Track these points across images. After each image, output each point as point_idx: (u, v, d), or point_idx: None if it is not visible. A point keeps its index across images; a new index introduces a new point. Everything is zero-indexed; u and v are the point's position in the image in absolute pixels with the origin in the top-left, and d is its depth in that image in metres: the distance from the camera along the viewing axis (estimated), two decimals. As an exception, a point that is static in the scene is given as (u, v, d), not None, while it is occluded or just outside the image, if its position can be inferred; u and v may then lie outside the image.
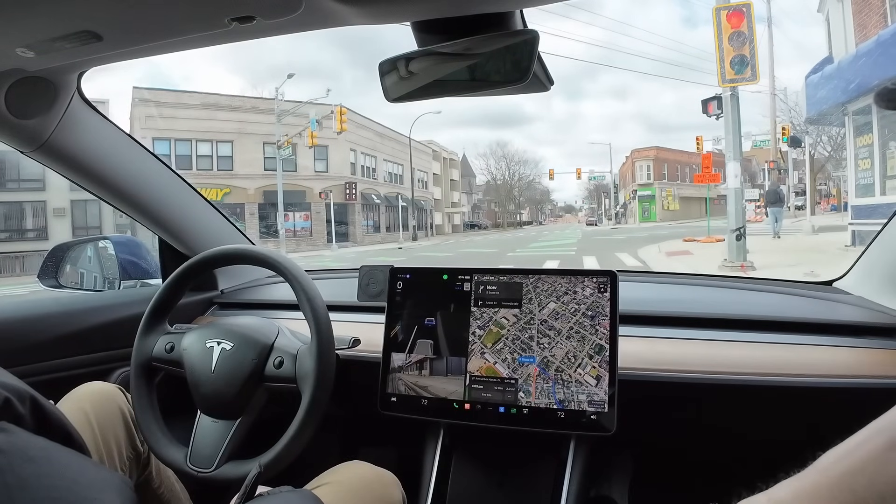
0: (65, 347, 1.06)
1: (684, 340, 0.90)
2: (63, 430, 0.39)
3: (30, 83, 0.83)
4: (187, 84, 58.66)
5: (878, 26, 7.82)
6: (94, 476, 0.36)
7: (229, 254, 0.95)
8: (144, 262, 1.38)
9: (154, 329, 0.92)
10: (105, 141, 1.04)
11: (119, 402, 0.89)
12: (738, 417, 0.87)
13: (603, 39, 64.08)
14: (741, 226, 7.15)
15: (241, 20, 0.63)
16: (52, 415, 0.39)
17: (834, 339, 0.85)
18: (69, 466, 0.35)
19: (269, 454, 0.80)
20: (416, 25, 0.65)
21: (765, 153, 25.00)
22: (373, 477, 0.80)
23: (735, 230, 7.13)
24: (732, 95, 7.24)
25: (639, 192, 34.39)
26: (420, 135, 46.04)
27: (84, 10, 0.61)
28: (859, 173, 8.39)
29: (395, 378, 0.90)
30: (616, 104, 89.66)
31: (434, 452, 0.91)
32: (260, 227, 19.57)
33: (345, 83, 64.85)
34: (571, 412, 0.81)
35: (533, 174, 44.68)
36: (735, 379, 0.82)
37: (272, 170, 19.07)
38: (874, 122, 7.82)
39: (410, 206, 26.71)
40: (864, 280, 0.98)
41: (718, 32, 7.15)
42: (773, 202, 11.82)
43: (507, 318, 0.87)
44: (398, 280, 0.95)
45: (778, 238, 10.66)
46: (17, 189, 17.02)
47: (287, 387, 0.84)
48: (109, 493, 0.35)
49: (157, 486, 0.92)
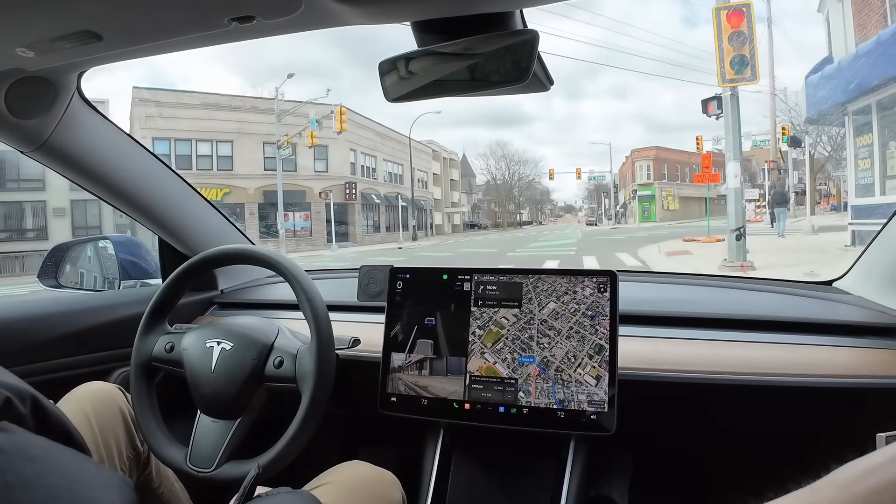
0: (65, 347, 1.06)
1: (684, 340, 0.90)
2: (64, 430, 0.39)
3: (30, 83, 0.84)
4: (186, 83, 58.66)
5: (878, 26, 7.82)
6: (96, 476, 0.36)
7: (229, 254, 0.95)
8: (144, 261, 1.38)
9: (154, 329, 0.92)
10: (105, 141, 1.04)
11: (119, 402, 0.89)
12: (738, 417, 0.87)
13: (603, 39, 64.10)
14: (741, 226, 7.15)
15: (240, 20, 0.63)
16: (53, 415, 0.38)
17: (834, 339, 0.85)
18: (70, 466, 0.35)
19: (269, 454, 0.80)
20: (415, 25, 0.65)
21: (765, 153, 24.99)
22: (373, 477, 0.80)
23: (735, 230, 7.13)
24: (732, 95, 7.24)
25: (639, 191, 34.39)
26: (420, 134, 46.08)
27: (84, 10, 0.61)
28: (859, 173, 8.39)
29: (394, 378, 0.90)
30: (616, 104, 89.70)
31: (434, 452, 0.91)
32: (260, 227, 19.57)
33: (344, 82, 64.85)
34: (571, 412, 0.81)
35: (533, 174, 44.75)
36: (735, 379, 0.82)
37: (272, 170, 19.07)
38: (874, 122, 7.82)
39: (410, 206, 26.71)
40: (864, 280, 0.98)
41: (718, 32, 7.15)
42: (780, 203, 12.61)
43: (507, 317, 0.87)
44: (398, 280, 0.95)
45: (782, 237, 11.13)
46: (17, 189, 17.01)
47: (287, 386, 0.84)
48: (110, 492, 0.35)
49: (156, 486, 0.92)
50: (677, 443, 1.00)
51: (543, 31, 0.64)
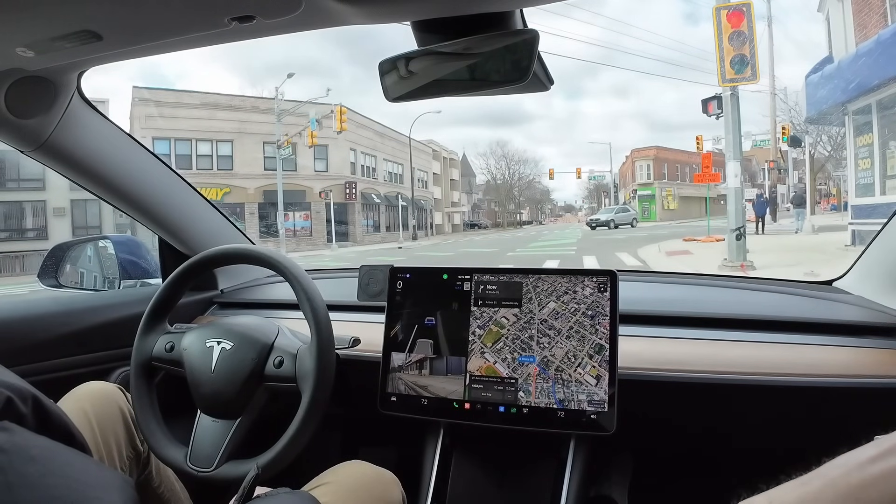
0: (65, 347, 1.06)
1: (684, 340, 0.90)
2: (65, 430, 0.39)
3: (30, 83, 0.84)
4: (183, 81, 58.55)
5: (878, 26, 7.82)
6: (97, 475, 0.36)
7: (229, 253, 0.95)
8: (144, 261, 1.38)
9: (154, 328, 0.92)
10: (105, 140, 1.04)
11: (119, 402, 0.89)
12: (738, 416, 0.87)
13: (603, 38, 64.12)
14: (741, 225, 7.15)
15: (240, 20, 0.63)
16: (54, 414, 0.39)
17: (834, 339, 0.85)
18: (71, 466, 0.35)
19: (269, 454, 0.80)
20: (415, 25, 0.65)
21: (765, 153, 25.00)
22: (373, 476, 0.80)
23: (735, 230, 7.14)
24: (732, 95, 7.24)
25: (639, 191, 34.36)
26: (420, 134, 46.08)
27: (84, 10, 0.61)
28: (859, 173, 8.39)
29: (395, 378, 0.90)
30: (617, 102, 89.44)
31: (434, 452, 0.91)
32: (260, 227, 19.57)
33: (343, 81, 64.67)
34: (571, 412, 0.81)
35: (533, 174, 44.66)
36: (735, 378, 0.82)
37: (272, 169, 19.07)
38: (874, 122, 7.82)
39: (410, 206, 26.70)
40: (864, 280, 0.98)
41: (718, 32, 7.15)
42: (798, 204, 13.66)
43: (507, 317, 0.87)
44: (398, 280, 0.95)
45: (797, 234, 11.90)
46: (17, 189, 17.01)
47: (287, 386, 0.84)
48: (111, 492, 0.35)
49: (156, 486, 0.92)
50: (677, 442, 1.00)
51: (543, 30, 0.64)
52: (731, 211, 7.27)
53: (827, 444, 0.39)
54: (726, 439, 0.94)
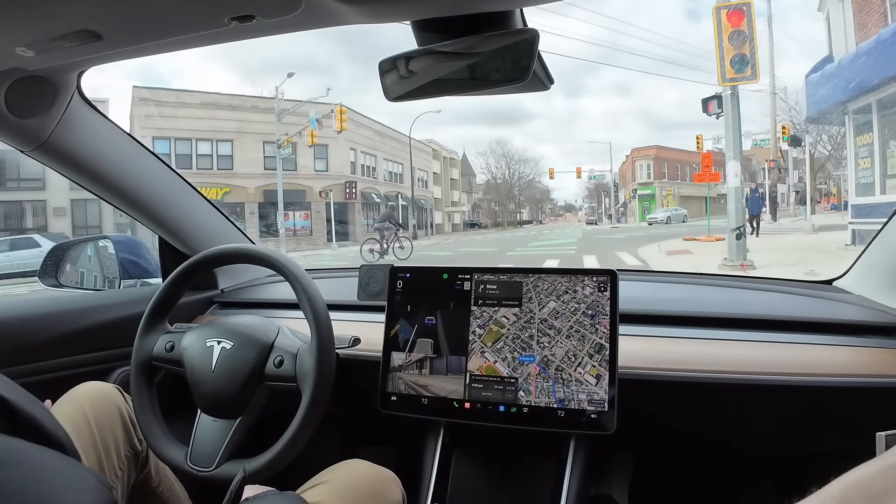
0: (64, 347, 1.06)
1: (684, 339, 0.90)
2: (39, 430, 0.37)
3: (30, 82, 0.83)
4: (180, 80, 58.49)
5: (878, 25, 7.81)
6: (71, 477, 0.34)
7: (229, 253, 0.95)
8: (144, 261, 1.38)
9: (154, 328, 0.92)
10: (105, 140, 1.04)
11: (117, 402, 0.89)
12: (738, 416, 0.87)
13: (603, 37, 64.03)
14: (741, 225, 7.15)
15: (240, 19, 0.63)
16: (24, 414, 0.37)
17: (834, 339, 0.85)
18: (43, 469, 0.33)
19: (269, 454, 0.80)
20: (415, 24, 0.65)
21: (765, 152, 24.95)
22: (373, 475, 0.80)
23: (735, 229, 7.13)
24: (732, 94, 7.24)
25: (639, 191, 34.35)
26: (420, 133, 46.04)
27: (84, 10, 0.61)
28: (859, 172, 8.38)
29: (395, 377, 0.90)
30: (617, 101, 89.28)
31: (434, 451, 0.91)
32: (260, 227, 19.57)
33: (343, 79, 64.57)
34: (571, 411, 0.81)
35: (533, 173, 44.62)
36: (735, 378, 0.82)
37: (272, 169, 19.06)
38: (874, 122, 7.81)
39: (410, 206, 26.69)
40: (864, 279, 0.98)
41: (718, 31, 7.15)
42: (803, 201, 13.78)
43: (507, 317, 0.87)
44: (398, 279, 0.95)
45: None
46: (17, 188, 17.00)
47: (287, 386, 0.84)
48: (84, 494, 0.33)
49: (156, 486, 0.92)
50: (677, 442, 1.00)
51: (543, 29, 0.64)
52: (731, 210, 7.27)
53: (827, 443, 0.39)
54: (726, 439, 0.94)
